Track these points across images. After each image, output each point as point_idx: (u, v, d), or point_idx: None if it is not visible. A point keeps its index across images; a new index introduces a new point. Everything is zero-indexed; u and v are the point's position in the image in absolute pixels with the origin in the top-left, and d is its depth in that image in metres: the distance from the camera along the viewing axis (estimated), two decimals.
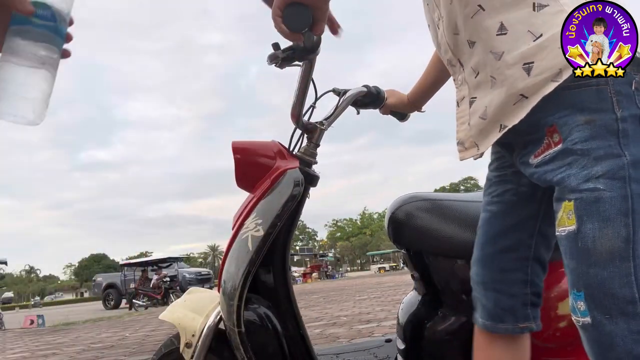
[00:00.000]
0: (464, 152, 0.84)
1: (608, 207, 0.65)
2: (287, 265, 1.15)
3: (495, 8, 0.74)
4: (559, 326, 0.98)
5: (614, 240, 0.65)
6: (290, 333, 1.12)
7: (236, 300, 1.03)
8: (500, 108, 0.74)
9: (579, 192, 0.66)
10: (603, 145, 0.66)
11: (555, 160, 0.70)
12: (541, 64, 0.69)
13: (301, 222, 32.86)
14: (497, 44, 0.74)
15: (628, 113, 0.67)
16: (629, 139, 0.66)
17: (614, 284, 0.64)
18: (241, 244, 1.07)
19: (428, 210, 1.10)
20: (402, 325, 1.19)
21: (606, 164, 0.65)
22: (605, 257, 0.65)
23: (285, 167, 1.09)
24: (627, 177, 0.64)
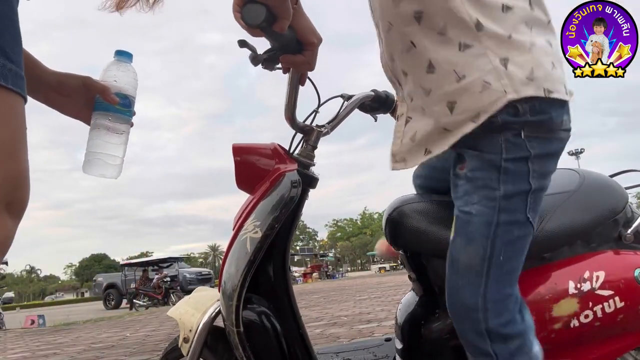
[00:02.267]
0: (395, 164, 0.93)
1: (474, 229, 0.79)
2: (287, 266, 1.16)
3: (425, 46, 0.80)
4: (554, 328, 0.99)
5: (474, 258, 0.80)
6: (290, 333, 1.12)
7: (235, 301, 1.04)
8: (427, 136, 0.84)
9: (459, 212, 0.83)
10: (485, 177, 0.79)
11: (457, 182, 0.84)
12: (462, 105, 0.78)
13: (301, 222, 32.73)
14: (426, 82, 0.82)
15: (513, 156, 0.78)
16: (508, 176, 0.78)
17: (466, 293, 0.81)
18: (240, 245, 1.08)
19: (425, 212, 1.11)
20: (400, 325, 1.20)
21: (482, 194, 0.79)
22: (464, 268, 0.81)
23: (284, 169, 1.10)
24: (497, 207, 0.77)
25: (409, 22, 0.81)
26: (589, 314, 0.98)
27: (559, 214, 1.02)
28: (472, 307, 0.81)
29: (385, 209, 1.20)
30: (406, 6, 0.80)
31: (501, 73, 0.75)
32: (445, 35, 0.78)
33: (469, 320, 0.82)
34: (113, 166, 0.85)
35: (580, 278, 0.99)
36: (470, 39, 0.76)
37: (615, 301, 0.98)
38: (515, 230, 0.81)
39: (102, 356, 4.17)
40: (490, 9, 0.76)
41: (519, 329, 0.82)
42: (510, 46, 0.76)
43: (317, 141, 1.14)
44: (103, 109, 0.85)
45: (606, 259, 1.01)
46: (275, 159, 1.13)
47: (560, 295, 0.98)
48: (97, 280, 21.22)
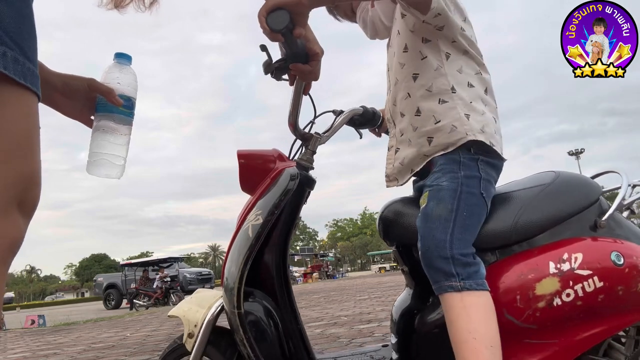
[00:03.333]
0: (389, 183, 1.27)
1: (443, 194, 1.08)
2: (287, 263, 1.22)
3: (416, 97, 1.17)
4: (537, 306, 1.05)
5: (443, 210, 1.07)
6: (289, 326, 1.17)
7: (237, 283, 1.08)
8: (412, 160, 1.19)
9: (431, 186, 1.12)
10: (449, 167, 1.11)
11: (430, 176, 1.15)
12: (437, 140, 1.13)
13: (302, 222, 33.13)
14: (414, 121, 1.17)
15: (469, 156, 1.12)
16: (465, 167, 1.11)
17: (437, 232, 1.06)
18: (243, 234, 1.14)
19: (412, 207, 1.21)
20: (395, 320, 1.25)
21: (448, 176, 1.11)
22: (436, 218, 1.07)
23: (283, 167, 1.19)
24: (460, 182, 1.09)
25: (409, 80, 1.18)
26: (570, 292, 1.04)
27: (535, 203, 1.13)
28: (441, 241, 1.05)
29: (379, 210, 1.31)
30: (408, 69, 1.18)
31: (464, 122, 1.10)
32: (431, 92, 1.14)
33: (437, 250, 1.05)
34: (118, 166, 0.86)
35: (559, 259, 1.06)
36: (446, 97, 1.13)
37: (594, 281, 1.04)
38: (474, 199, 1.09)
39: (102, 356, 4.17)
40: (461, 83, 1.14)
41: (475, 261, 1.06)
42: (471, 108, 1.12)
43: (316, 147, 1.24)
44: (106, 111, 0.86)
45: (584, 243, 1.09)
46: (276, 161, 1.22)
47: (542, 275, 1.05)
48: (98, 281, 21.21)
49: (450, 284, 1.03)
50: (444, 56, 1.14)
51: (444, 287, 1.04)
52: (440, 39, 1.14)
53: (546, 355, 1.06)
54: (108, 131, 0.85)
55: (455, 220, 1.06)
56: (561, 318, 1.06)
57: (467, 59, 1.17)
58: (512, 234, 1.11)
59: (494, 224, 1.11)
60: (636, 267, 1.07)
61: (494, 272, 1.08)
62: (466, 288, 1.02)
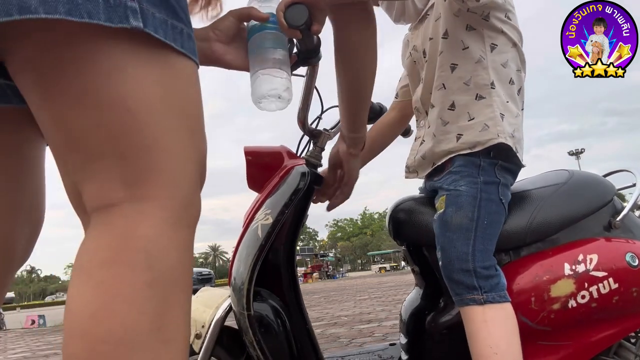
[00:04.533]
0: (409, 174, 1.24)
1: (463, 200, 1.04)
2: (295, 263, 1.19)
3: (452, 90, 1.10)
4: (552, 308, 1.03)
5: (463, 219, 1.04)
6: (297, 326, 1.15)
7: (246, 284, 1.06)
8: (434, 155, 1.13)
9: (448, 190, 1.08)
10: (468, 170, 1.07)
11: (445, 176, 1.11)
12: (466, 137, 1.07)
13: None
14: (446, 115, 1.11)
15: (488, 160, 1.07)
16: (484, 171, 1.07)
17: (458, 243, 1.03)
18: (251, 234, 1.12)
19: (423, 208, 1.19)
20: (404, 321, 1.23)
21: (467, 180, 1.06)
22: (456, 228, 1.04)
23: (292, 164, 1.16)
24: (479, 188, 1.05)
25: (446, 70, 1.10)
26: (585, 294, 1.03)
27: (549, 203, 1.11)
28: (463, 253, 1.02)
29: (388, 208, 1.28)
30: (447, 57, 1.09)
31: (498, 122, 1.04)
32: (469, 86, 1.07)
33: (459, 263, 1.02)
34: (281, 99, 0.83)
35: (575, 260, 1.05)
36: (484, 93, 1.06)
37: (609, 282, 1.03)
38: (493, 206, 1.06)
39: None
40: (502, 78, 1.07)
41: (496, 273, 1.03)
42: (506, 108, 1.06)
43: (325, 144, 1.21)
44: (256, 31, 0.82)
45: (598, 244, 1.08)
46: (284, 158, 1.19)
47: (557, 276, 1.04)
48: None
49: (473, 297, 1.01)
50: (488, 47, 1.07)
51: (465, 300, 1.02)
52: (486, 29, 1.06)
53: (560, 357, 1.05)
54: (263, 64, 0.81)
55: (476, 230, 1.03)
56: (576, 320, 1.04)
57: (514, 53, 1.09)
58: (526, 234, 1.10)
59: (508, 224, 1.10)
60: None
61: (507, 273, 1.07)
62: (489, 301, 1.00)
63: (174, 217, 0.53)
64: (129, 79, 0.50)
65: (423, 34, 1.18)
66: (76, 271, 0.51)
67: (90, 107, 0.50)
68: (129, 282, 0.48)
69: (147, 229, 0.50)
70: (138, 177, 0.51)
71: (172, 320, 0.51)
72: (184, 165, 0.54)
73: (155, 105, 0.52)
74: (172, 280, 0.52)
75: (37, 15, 0.45)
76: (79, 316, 0.48)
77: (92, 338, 0.47)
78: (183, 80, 0.55)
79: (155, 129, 0.52)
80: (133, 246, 0.49)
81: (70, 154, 0.52)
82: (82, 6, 0.47)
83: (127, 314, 0.47)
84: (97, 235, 0.51)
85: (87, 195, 0.52)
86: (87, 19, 0.47)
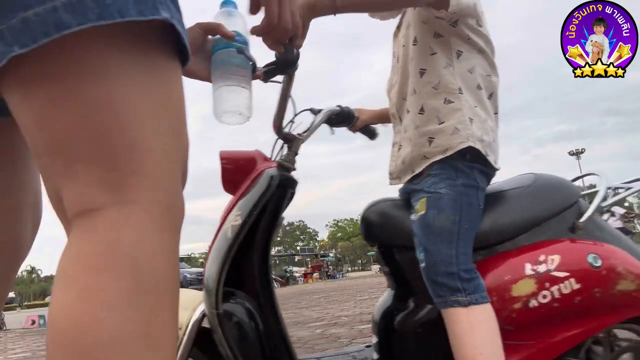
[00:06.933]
0: (392, 180, 1.26)
1: (444, 203, 1.07)
2: (269, 264, 1.21)
3: (421, 94, 1.13)
4: (514, 307, 1.06)
5: (445, 222, 1.06)
6: (270, 327, 1.16)
7: (215, 284, 1.08)
8: (412, 161, 1.16)
9: (429, 193, 1.09)
10: (447, 173, 1.09)
11: (424, 179, 1.13)
12: (438, 141, 1.09)
13: (302, 222, 32.85)
14: (417, 120, 1.14)
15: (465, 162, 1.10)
16: (463, 175, 1.09)
17: (442, 246, 1.05)
18: (222, 235, 1.15)
19: (397, 209, 1.22)
20: (376, 321, 1.26)
21: (446, 182, 1.08)
22: (439, 231, 1.06)
23: (264, 168, 1.20)
24: (459, 191, 1.07)
25: (416, 75, 1.13)
26: (547, 294, 1.05)
27: (513, 205, 1.14)
28: (447, 256, 1.05)
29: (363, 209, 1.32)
30: (416, 63, 1.13)
31: (467, 126, 1.07)
32: (437, 90, 1.10)
33: (444, 266, 1.05)
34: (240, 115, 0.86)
35: (536, 261, 1.07)
36: (453, 98, 1.09)
37: (571, 283, 1.05)
38: (473, 210, 1.09)
39: None
40: (469, 84, 1.10)
41: (477, 275, 1.06)
42: (474, 113, 1.09)
43: (299, 148, 1.24)
44: (220, 48, 0.84)
45: (561, 245, 1.10)
46: (258, 161, 1.24)
47: (518, 276, 1.07)
48: None
49: (457, 299, 1.03)
50: (454, 54, 1.10)
51: (449, 302, 1.04)
52: (453, 36, 1.10)
53: (524, 356, 1.07)
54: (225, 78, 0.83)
55: (459, 233, 1.06)
56: (538, 319, 1.07)
57: (481, 59, 1.13)
58: (490, 235, 1.12)
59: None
60: (614, 269, 1.07)
61: None
62: (472, 303, 1.02)
63: (158, 221, 0.52)
64: (114, 80, 0.49)
65: (398, 42, 1.24)
66: (59, 278, 0.49)
67: (75, 107, 0.49)
68: (115, 288, 0.47)
69: (132, 234, 0.49)
70: (121, 180, 0.50)
71: (160, 325, 0.50)
72: (167, 167, 0.53)
73: (140, 106, 0.51)
74: (159, 284, 0.51)
75: (71, 29, 0.45)
76: (63, 325, 0.47)
77: (77, 347, 0.45)
78: (167, 80, 0.54)
79: (139, 130, 0.51)
80: (118, 252, 0.48)
81: (52, 157, 0.51)
82: (113, 5, 0.46)
83: (113, 322, 0.46)
84: (80, 241, 0.50)
85: (69, 200, 0.51)
86: (119, 18, 0.46)
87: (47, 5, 0.44)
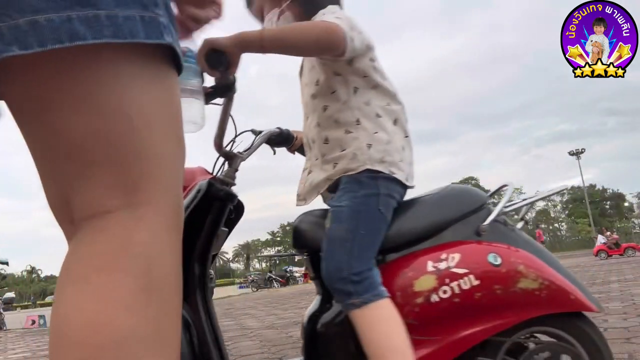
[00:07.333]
0: (298, 202, 1.35)
1: (343, 215, 1.17)
2: (207, 273, 1.28)
3: (325, 127, 1.25)
4: (416, 302, 1.13)
5: (343, 232, 1.15)
6: (203, 331, 1.18)
7: None
8: (318, 183, 1.27)
9: (334, 207, 1.20)
10: (350, 187, 1.19)
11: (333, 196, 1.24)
12: (340, 166, 1.22)
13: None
14: (323, 149, 1.26)
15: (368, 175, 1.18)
16: (365, 186, 1.18)
17: (337, 254, 1.14)
18: None
19: (321, 218, 1.30)
20: (304, 325, 1.30)
21: (348, 195, 1.18)
22: (337, 240, 1.16)
23: (198, 181, 1.25)
24: (359, 202, 1.17)
25: (319, 110, 1.26)
26: (447, 289, 1.12)
27: (424, 210, 1.25)
28: (340, 262, 1.13)
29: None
30: (320, 101, 1.26)
31: (364, 151, 1.18)
32: (339, 123, 1.23)
33: (337, 272, 1.13)
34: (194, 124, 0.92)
35: (438, 259, 1.16)
36: (352, 129, 1.21)
37: (470, 279, 1.12)
38: (372, 215, 1.17)
39: None
40: (367, 115, 1.21)
41: (369, 274, 1.13)
42: (374, 139, 1.20)
43: (238, 165, 1.33)
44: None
45: (463, 245, 1.19)
46: (197, 177, 1.28)
47: (420, 273, 1.15)
48: None
49: (352, 303, 1.11)
50: (352, 90, 1.22)
51: (347, 306, 1.12)
52: (349, 74, 1.22)
53: (429, 351, 1.12)
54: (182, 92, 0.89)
55: (354, 240, 1.14)
56: (440, 315, 1.13)
57: (376, 92, 1.24)
58: (401, 238, 1.21)
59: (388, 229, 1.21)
60: (514, 268, 1.13)
61: (382, 273, 1.17)
62: (365, 302, 1.09)
63: (168, 223, 0.53)
64: (127, 87, 0.51)
65: (303, 81, 1.38)
66: (68, 278, 0.50)
67: (91, 112, 0.50)
68: (127, 288, 0.48)
69: (144, 235, 0.51)
70: (134, 184, 0.52)
71: (168, 323, 0.51)
72: (175, 171, 0.56)
73: (150, 112, 0.53)
74: (168, 284, 0.52)
75: (86, 41, 0.46)
76: (75, 324, 0.47)
77: (90, 346, 0.46)
78: (171, 89, 0.57)
79: (150, 136, 0.53)
80: (131, 252, 0.49)
81: (66, 162, 0.52)
82: (124, 26, 0.48)
83: (125, 320, 0.47)
84: (91, 241, 0.51)
85: (81, 203, 0.52)
86: (130, 38, 0.49)
87: (62, 14, 0.46)
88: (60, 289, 0.50)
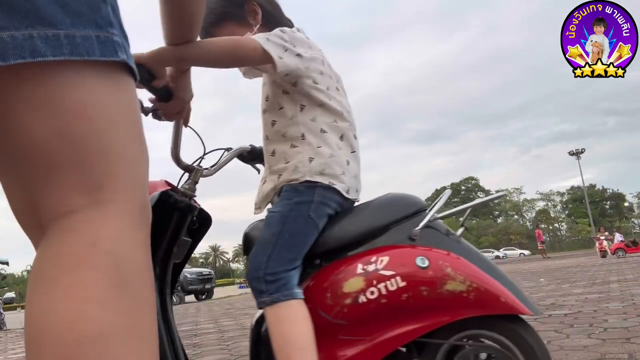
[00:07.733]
0: (256, 210, 1.40)
1: (273, 219, 1.23)
2: (167, 280, 1.33)
3: (273, 140, 1.34)
4: (345, 303, 1.17)
5: (268, 234, 1.22)
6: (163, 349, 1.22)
7: None
8: (268, 192, 1.33)
9: (268, 213, 1.28)
10: (287, 195, 1.26)
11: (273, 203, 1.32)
12: (283, 177, 1.28)
13: None
14: (271, 161, 1.34)
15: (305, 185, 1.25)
16: (300, 194, 1.25)
17: (258, 255, 1.20)
18: None
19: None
20: (252, 327, 1.33)
21: (283, 202, 1.26)
22: (263, 242, 1.22)
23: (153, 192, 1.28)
24: (290, 208, 1.23)
25: (269, 125, 1.34)
26: (374, 290, 1.16)
27: (360, 216, 1.29)
28: (258, 262, 1.19)
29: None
30: (269, 116, 1.34)
31: (306, 164, 1.25)
32: (285, 137, 1.30)
33: (254, 272, 1.19)
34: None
35: (367, 262, 1.20)
36: (297, 143, 1.28)
37: (397, 280, 1.15)
38: (300, 220, 1.23)
39: None
40: (312, 130, 1.28)
41: (284, 276, 1.18)
42: (317, 152, 1.26)
43: (198, 178, 1.40)
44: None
45: (393, 249, 1.22)
46: (157, 189, 1.30)
47: (349, 275, 1.19)
48: None
49: (263, 300, 1.17)
50: (299, 107, 1.30)
51: (259, 303, 1.19)
52: (295, 93, 1.30)
53: (358, 351, 1.17)
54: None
55: (276, 243, 1.20)
56: (369, 315, 1.16)
57: (322, 110, 1.31)
58: (337, 242, 1.26)
59: (322, 234, 1.26)
60: (441, 270, 1.15)
61: (316, 277, 1.23)
62: (274, 301, 1.15)
63: (134, 219, 0.55)
64: (87, 91, 0.53)
65: (261, 97, 1.45)
66: (38, 280, 0.50)
67: (52, 116, 0.51)
68: (98, 284, 0.49)
69: (111, 232, 0.52)
70: (98, 183, 0.53)
71: (144, 316, 0.53)
72: (138, 169, 0.57)
73: (110, 113, 0.55)
74: (139, 279, 0.53)
75: (46, 58, 0.49)
76: (50, 324, 0.48)
77: (66, 343, 0.46)
78: (130, 93, 0.59)
79: (112, 136, 0.54)
80: (99, 249, 0.50)
81: (31, 167, 0.53)
82: (82, 45, 0.52)
83: (99, 315, 0.48)
84: (59, 241, 0.51)
85: (47, 206, 0.53)
86: (87, 56, 0.53)
87: (24, 32, 0.49)
88: (31, 292, 0.50)
